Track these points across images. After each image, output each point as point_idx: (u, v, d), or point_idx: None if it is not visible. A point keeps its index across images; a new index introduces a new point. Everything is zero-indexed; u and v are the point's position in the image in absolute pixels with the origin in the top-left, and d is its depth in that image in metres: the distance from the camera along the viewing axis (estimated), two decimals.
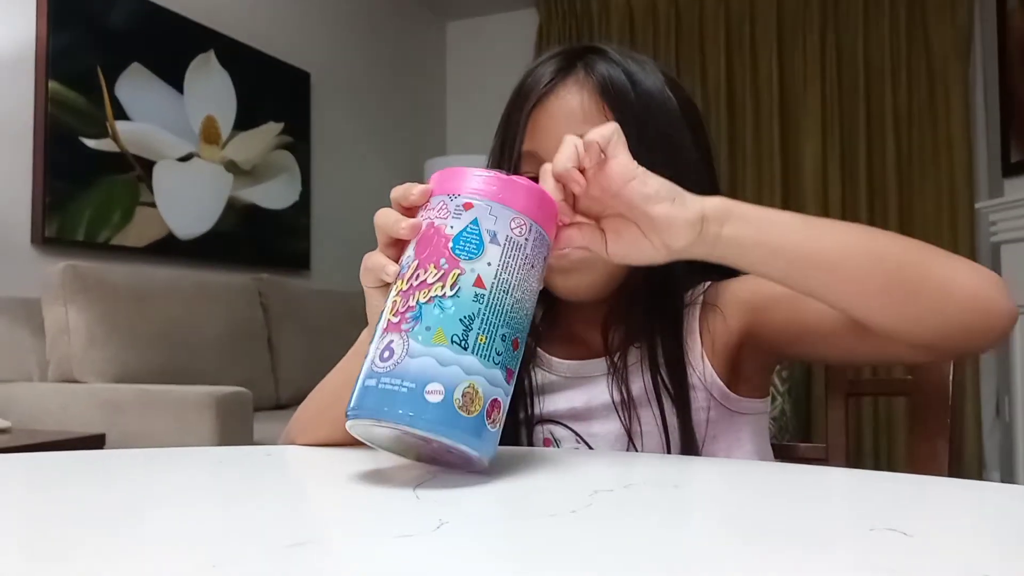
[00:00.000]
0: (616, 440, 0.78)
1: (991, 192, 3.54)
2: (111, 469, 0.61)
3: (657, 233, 0.60)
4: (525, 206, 0.55)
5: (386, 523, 0.42)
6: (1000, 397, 3.54)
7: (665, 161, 0.75)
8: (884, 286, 0.61)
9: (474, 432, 0.49)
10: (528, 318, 0.54)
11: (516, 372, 0.53)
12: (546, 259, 0.57)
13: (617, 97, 0.78)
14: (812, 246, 0.61)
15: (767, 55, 4.00)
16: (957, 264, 0.63)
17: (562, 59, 0.81)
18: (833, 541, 0.40)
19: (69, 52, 2.66)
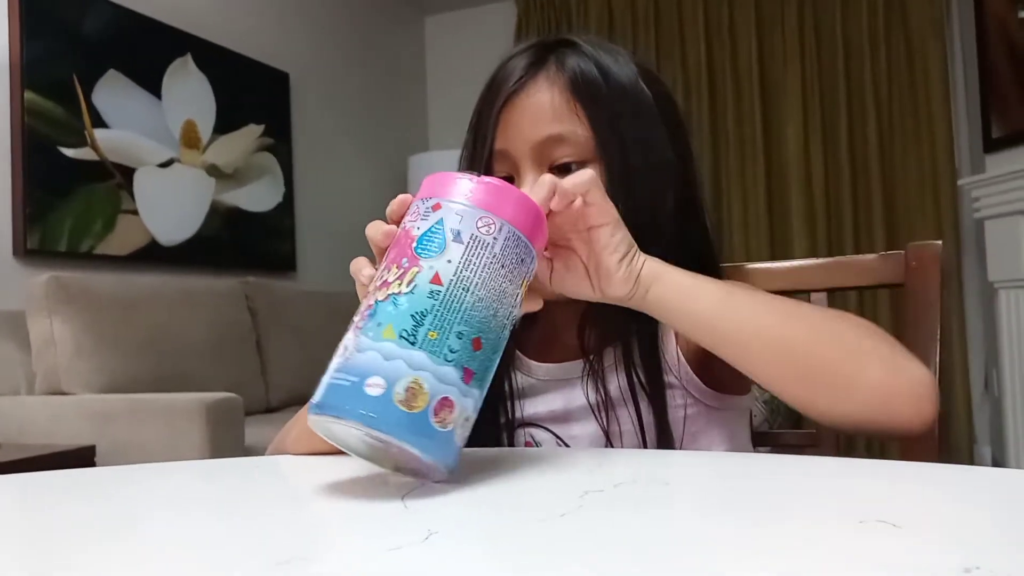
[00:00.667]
0: (595, 441, 0.78)
1: (973, 168, 3.56)
2: (94, 487, 0.60)
3: (600, 279, 0.63)
4: (496, 206, 0.54)
5: (375, 536, 0.42)
6: (989, 371, 3.57)
7: (637, 158, 0.77)
8: (790, 374, 0.63)
9: (414, 429, 0.48)
10: (498, 319, 0.53)
11: (480, 373, 0.51)
12: (527, 262, 0.55)
13: (588, 94, 0.76)
14: (725, 324, 0.64)
15: (746, 38, 4.00)
16: (871, 363, 0.63)
17: (533, 53, 0.80)
18: (823, 535, 0.40)
19: (44, 61, 2.63)
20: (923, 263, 0.89)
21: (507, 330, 0.54)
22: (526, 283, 0.56)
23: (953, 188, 3.61)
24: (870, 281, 0.95)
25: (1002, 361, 3.16)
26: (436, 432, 0.49)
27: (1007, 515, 0.42)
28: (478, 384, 0.51)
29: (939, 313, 0.87)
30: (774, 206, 3.96)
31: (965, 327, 3.65)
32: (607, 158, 0.76)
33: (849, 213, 3.82)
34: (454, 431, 0.50)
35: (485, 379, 0.52)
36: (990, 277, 3.22)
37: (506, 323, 0.54)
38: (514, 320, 0.55)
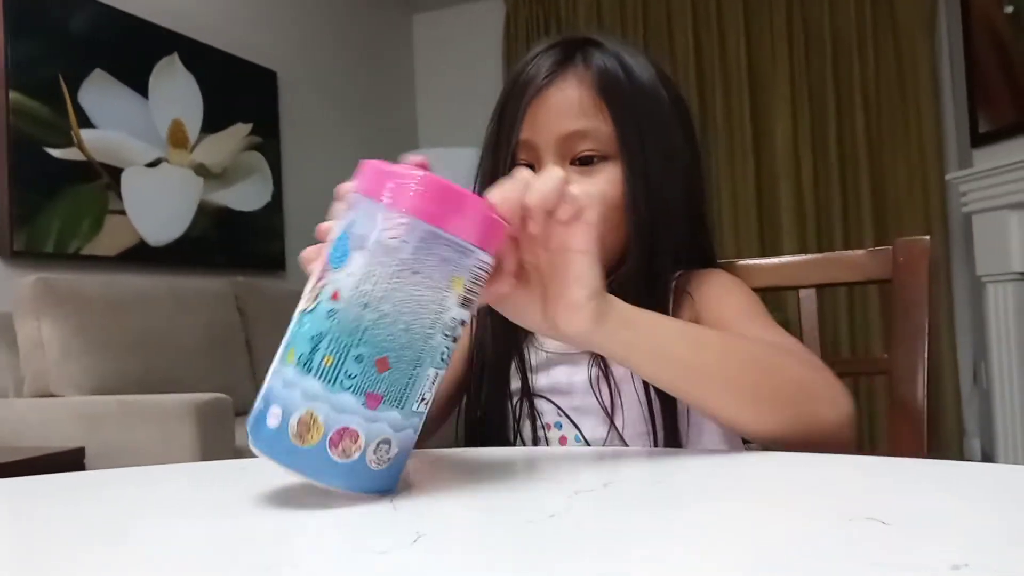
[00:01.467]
0: (598, 415, 0.81)
1: (961, 163, 3.58)
2: (81, 491, 0.60)
3: (558, 310, 0.56)
4: (409, 202, 0.47)
5: (363, 539, 0.41)
6: (977, 364, 3.59)
7: (656, 156, 0.81)
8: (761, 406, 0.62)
9: (310, 462, 0.46)
10: (415, 332, 0.47)
11: (393, 395, 0.46)
12: (458, 258, 0.48)
13: (613, 92, 0.80)
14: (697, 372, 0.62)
15: (735, 34, 4.01)
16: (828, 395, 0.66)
17: (560, 51, 0.83)
18: (812, 532, 0.40)
19: (29, 61, 2.61)
20: (911, 258, 0.90)
21: (438, 338, 0.48)
22: (468, 281, 0.48)
23: (941, 183, 3.63)
24: (859, 277, 0.95)
25: (990, 354, 3.18)
26: (337, 463, 0.46)
27: (996, 511, 0.43)
28: (393, 406, 0.47)
29: (927, 308, 0.87)
30: (763, 202, 3.97)
31: (954, 321, 3.67)
32: (628, 155, 0.80)
33: (838, 208, 3.83)
34: (364, 458, 0.46)
35: (407, 397, 0.47)
36: (978, 271, 3.24)
37: (432, 332, 0.47)
38: (454, 325, 0.49)
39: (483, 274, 0.50)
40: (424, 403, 0.48)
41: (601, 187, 0.80)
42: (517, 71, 0.85)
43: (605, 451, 0.70)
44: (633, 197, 0.79)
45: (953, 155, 3.72)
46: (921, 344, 0.86)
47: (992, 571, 0.32)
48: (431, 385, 0.48)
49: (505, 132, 0.82)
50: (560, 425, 0.84)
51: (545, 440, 0.85)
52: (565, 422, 0.84)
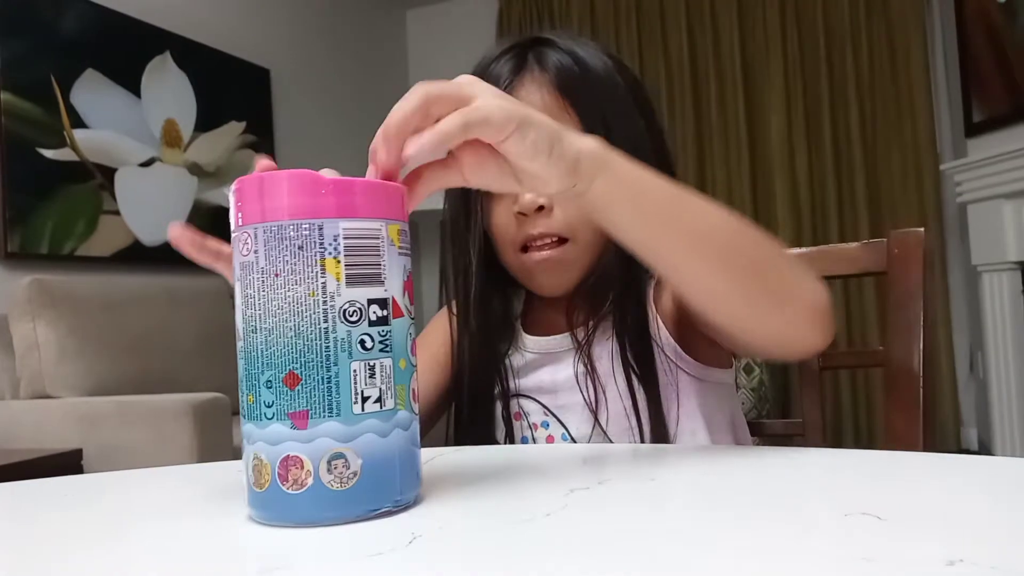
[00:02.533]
0: (583, 413, 0.82)
1: (955, 153, 3.58)
2: (79, 495, 0.60)
3: (529, 182, 0.54)
4: (249, 210, 0.46)
5: (357, 541, 0.41)
6: (973, 354, 3.60)
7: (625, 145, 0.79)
8: (735, 284, 0.59)
9: (276, 507, 0.44)
10: (305, 333, 0.44)
11: (317, 403, 0.43)
12: (311, 234, 0.44)
13: (574, 89, 0.80)
14: (676, 224, 0.58)
15: (728, 28, 4.00)
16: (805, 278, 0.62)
17: (513, 56, 0.83)
18: (808, 528, 0.40)
19: (20, 61, 2.60)
20: (906, 250, 0.90)
21: (341, 328, 0.44)
22: (343, 255, 0.44)
23: (936, 173, 3.63)
24: (854, 269, 0.95)
25: (986, 343, 3.18)
26: (296, 496, 0.43)
27: (992, 506, 0.43)
28: (325, 416, 0.44)
29: (922, 299, 0.87)
30: (758, 195, 3.97)
31: (949, 311, 3.68)
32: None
33: (833, 200, 3.83)
34: (319, 481, 0.43)
35: (338, 402, 0.44)
36: (973, 261, 3.25)
37: (328, 325, 0.44)
38: (355, 308, 0.44)
39: (362, 241, 0.45)
40: (376, 401, 0.45)
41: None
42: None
43: (599, 449, 0.70)
44: None
45: (947, 145, 3.72)
46: (917, 336, 0.86)
47: (988, 566, 0.32)
48: (371, 379, 0.45)
49: None
50: (547, 424, 0.84)
51: (532, 440, 0.85)
52: (552, 421, 0.84)
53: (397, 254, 0.47)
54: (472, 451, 0.66)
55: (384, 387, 0.45)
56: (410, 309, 0.48)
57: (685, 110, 4.06)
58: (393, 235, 0.46)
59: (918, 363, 0.85)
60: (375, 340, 0.45)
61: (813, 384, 0.94)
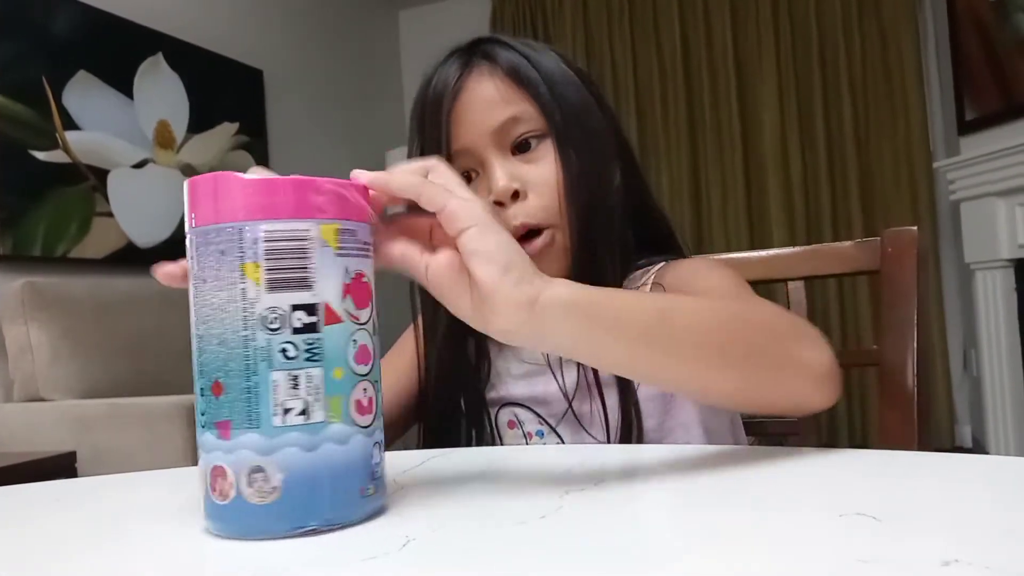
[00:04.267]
0: (571, 423, 0.81)
1: (948, 151, 3.59)
2: (71, 499, 0.59)
3: (478, 301, 0.49)
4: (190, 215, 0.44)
5: (351, 545, 0.41)
6: (967, 351, 3.61)
7: (580, 125, 0.81)
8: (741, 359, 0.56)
9: (210, 515, 0.44)
10: (227, 339, 0.42)
11: (240, 415, 0.42)
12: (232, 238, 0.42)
13: (526, 77, 0.80)
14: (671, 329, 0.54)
15: (721, 27, 4.01)
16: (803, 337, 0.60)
17: (459, 57, 0.83)
18: (803, 529, 0.39)
19: (12, 63, 2.59)
20: (899, 249, 0.90)
21: (261, 336, 0.42)
22: (264, 260, 0.42)
23: (929, 171, 3.64)
24: (847, 268, 0.95)
25: (980, 341, 3.19)
26: (223, 507, 0.43)
27: (987, 505, 0.43)
28: (245, 427, 0.42)
29: (916, 298, 0.87)
30: (752, 193, 3.97)
31: (943, 308, 3.69)
32: (555, 129, 0.80)
33: (827, 198, 3.84)
34: (240, 495, 0.42)
35: (257, 414, 0.42)
36: (966, 258, 3.25)
37: (249, 332, 0.42)
38: (276, 316, 0.42)
39: (285, 243, 0.43)
40: (300, 413, 0.42)
41: (547, 170, 0.79)
42: (422, 89, 0.83)
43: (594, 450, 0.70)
44: (568, 172, 0.79)
45: (940, 143, 3.73)
46: (910, 334, 0.86)
47: (983, 567, 0.32)
48: (294, 390, 0.42)
49: (431, 149, 0.80)
50: (541, 433, 0.83)
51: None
52: (546, 430, 0.83)
53: (334, 256, 0.44)
54: (466, 453, 0.65)
55: (311, 399, 0.43)
56: (355, 314, 0.44)
57: (678, 109, 4.06)
58: (328, 236, 0.44)
59: (912, 361, 0.85)
60: (299, 349, 0.42)
61: None
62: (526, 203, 0.79)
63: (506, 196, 0.78)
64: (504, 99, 0.80)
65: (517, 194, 0.79)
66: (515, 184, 0.78)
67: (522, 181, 0.79)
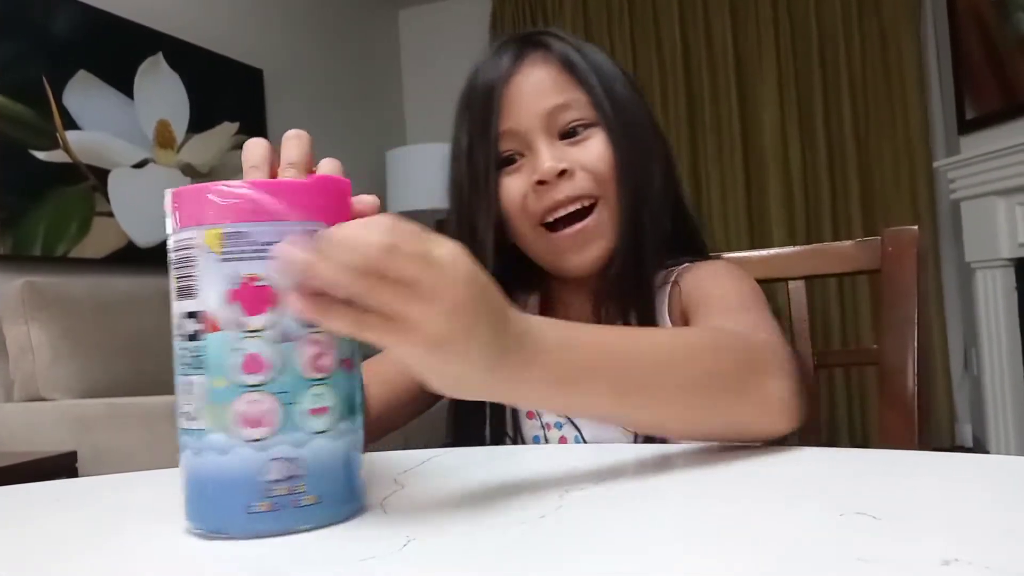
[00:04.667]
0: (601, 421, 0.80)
1: (948, 150, 3.58)
2: (70, 499, 0.59)
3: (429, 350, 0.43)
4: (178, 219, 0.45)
5: (352, 544, 0.41)
6: (968, 350, 3.61)
7: (629, 118, 0.84)
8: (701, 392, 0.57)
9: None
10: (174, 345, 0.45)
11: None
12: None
13: (578, 67, 0.83)
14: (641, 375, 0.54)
15: (721, 26, 4.00)
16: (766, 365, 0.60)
17: (516, 43, 0.85)
18: (803, 529, 0.39)
19: (12, 63, 2.59)
20: (899, 248, 0.90)
21: (176, 343, 0.45)
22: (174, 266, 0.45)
23: (929, 170, 3.63)
24: (847, 268, 0.95)
25: (980, 340, 3.19)
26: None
27: (988, 504, 0.43)
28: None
29: (916, 297, 0.87)
30: (752, 193, 3.97)
31: (943, 308, 3.69)
32: (606, 120, 0.82)
33: (827, 197, 3.84)
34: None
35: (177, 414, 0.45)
36: (967, 258, 3.25)
37: (175, 340, 0.46)
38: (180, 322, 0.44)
39: (180, 251, 0.44)
40: (192, 419, 0.43)
41: (597, 151, 0.82)
42: (474, 73, 0.86)
43: (594, 449, 0.70)
44: (620, 162, 0.82)
45: (940, 142, 3.73)
46: (911, 334, 0.86)
47: (983, 566, 0.32)
48: (188, 396, 0.43)
49: (481, 129, 0.83)
50: (560, 425, 0.84)
51: (545, 440, 0.84)
52: (565, 422, 0.83)
53: (217, 261, 0.42)
54: (466, 453, 0.65)
55: (198, 405, 0.43)
56: (243, 321, 0.42)
57: (678, 108, 4.06)
58: (211, 241, 0.42)
59: (912, 361, 0.85)
60: (188, 356, 0.44)
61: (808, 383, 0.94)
62: (573, 180, 0.81)
63: (552, 175, 0.80)
64: (556, 86, 0.82)
65: (563, 172, 0.81)
66: (563, 164, 0.81)
67: (570, 161, 0.81)
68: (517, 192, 0.82)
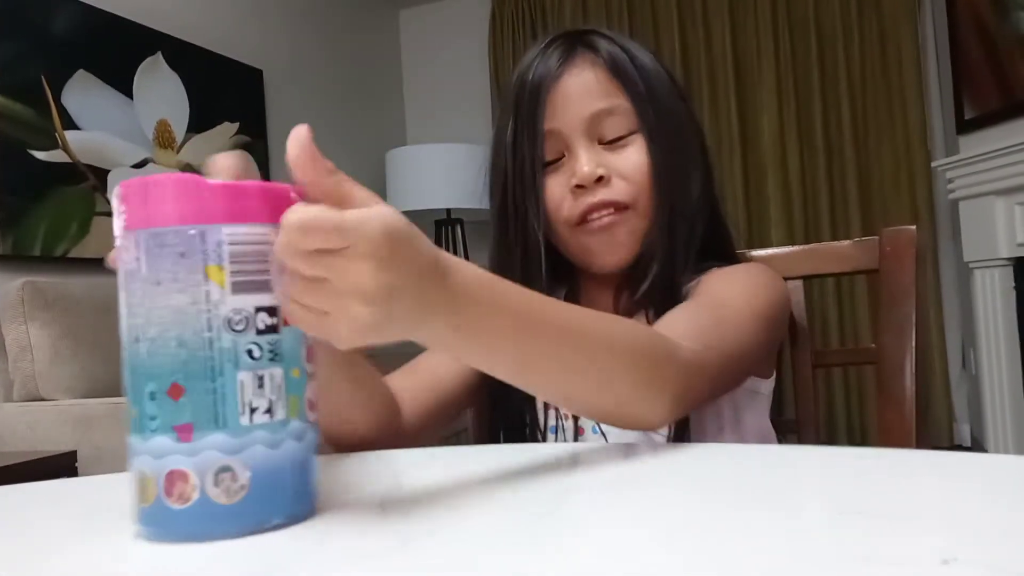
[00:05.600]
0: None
1: (947, 150, 3.59)
2: (70, 499, 0.59)
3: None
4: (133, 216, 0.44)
5: (350, 544, 0.41)
6: (965, 350, 3.61)
7: (671, 127, 0.84)
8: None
9: (160, 523, 0.43)
10: (190, 343, 0.42)
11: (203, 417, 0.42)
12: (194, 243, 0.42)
13: (626, 72, 0.83)
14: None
15: (720, 26, 4.00)
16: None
17: (564, 42, 0.86)
18: (801, 528, 0.40)
19: (11, 63, 2.59)
20: (897, 248, 0.90)
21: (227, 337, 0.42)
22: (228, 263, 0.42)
23: (927, 170, 3.64)
24: (846, 267, 0.96)
25: (978, 340, 3.19)
26: (180, 512, 0.42)
27: (987, 504, 0.43)
28: (210, 429, 0.42)
29: (914, 297, 0.88)
30: (751, 193, 3.97)
31: (942, 307, 3.69)
32: (648, 127, 0.83)
33: (825, 198, 3.84)
34: (205, 496, 0.42)
35: (223, 414, 0.42)
36: (965, 257, 3.25)
37: (213, 334, 0.42)
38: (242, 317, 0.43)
39: (249, 247, 0.43)
40: (265, 412, 0.43)
41: (635, 159, 0.83)
42: (524, 68, 0.87)
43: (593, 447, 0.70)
44: (657, 171, 0.82)
45: (939, 142, 3.73)
46: (909, 333, 0.86)
47: (982, 565, 0.32)
48: (260, 389, 0.43)
49: (525, 126, 0.84)
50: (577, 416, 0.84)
51: (562, 428, 0.84)
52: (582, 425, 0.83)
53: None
54: (467, 453, 0.66)
55: (274, 398, 0.44)
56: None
57: None
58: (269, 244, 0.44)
59: (910, 360, 0.85)
60: (263, 349, 0.43)
61: (807, 379, 0.94)
62: (610, 187, 0.82)
63: (590, 180, 0.81)
64: (601, 90, 0.83)
65: (601, 179, 0.82)
66: (600, 170, 0.82)
67: (607, 167, 0.82)
68: (556, 193, 0.84)
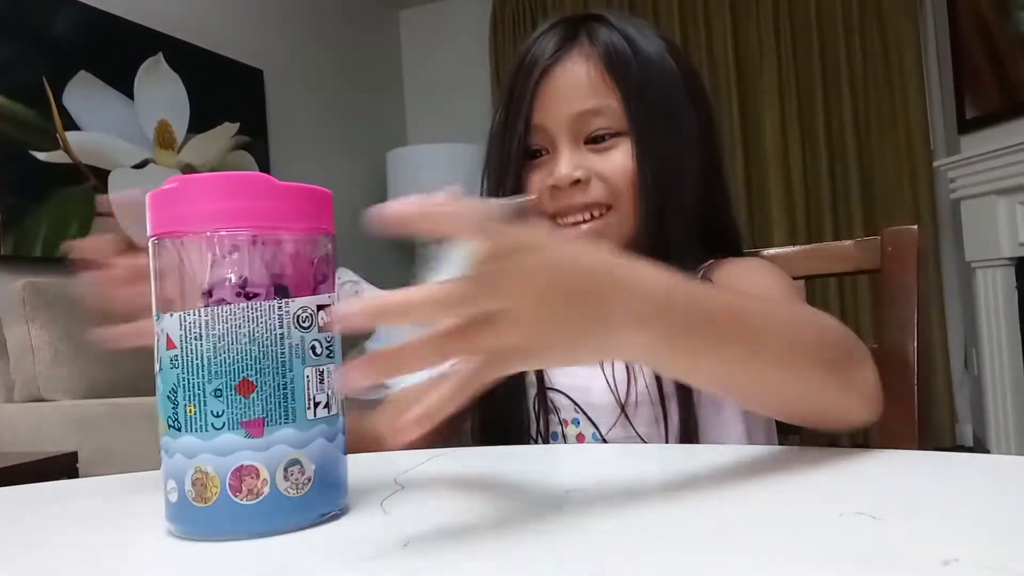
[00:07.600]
0: (614, 411, 0.80)
1: (948, 150, 3.58)
2: (71, 500, 0.59)
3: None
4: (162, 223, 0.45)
5: (352, 545, 0.41)
6: (968, 350, 3.60)
7: (664, 130, 0.81)
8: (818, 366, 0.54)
9: (223, 521, 0.42)
10: (261, 339, 0.43)
11: (274, 411, 0.43)
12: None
13: (620, 67, 0.80)
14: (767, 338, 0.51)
15: (721, 25, 4.00)
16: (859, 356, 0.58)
17: (564, 28, 0.83)
18: (803, 529, 0.40)
19: (12, 64, 2.59)
20: (899, 248, 0.90)
21: (295, 334, 0.44)
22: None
23: (929, 170, 3.63)
24: (848, 267, 0.95)
25: (981, 340, 3.19)
26: (249, 507, 0.42)
27: (988, 504, 0.43)
28: (281, 423, 0.43)
29: (916, 296, 0.87)
30: (753, 193, 3.97)
31: (944, 307, 3.68)
32: (637, 129, 0.80)
33: (827, 197, 3.84)
34: (276, 489, 0.43)
35: (293, 409, 0.43)
36: (967, 257, 3.25)
37: (283, 330, 0.43)
38: (307, 314, 0.44)
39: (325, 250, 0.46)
40: (325, 406, 0.45)
41: (618, 162, 0.80)
42: (522, 52, 0.84)
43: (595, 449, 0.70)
44: (643, 174, 0.80)
45: (941, 142, 3.73)
46: (911, 333, 0.86)
47: (983, 566, 0.32)
48: (321, 384, 0.44)
49: (513, 118, 0.82)
50: (578, 422, 0.83)
51: (563, 436, 0.84)
52: (582, 419, 0.83)
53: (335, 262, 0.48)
54: (467, 453, 0.65)
55: (331, 392, 0.45)
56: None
57: None
58: (330, 245, 0.47)
59: (912, 360, 0.85)
60: (323, 346, 0.45)
61: None
62: (587, 190, 0.80)
63: (565, 183, 0.79)
64: (591, 89, 0.80)
65: (578, 181, 0.80)
66: (578, 173, 0.79)
67: (587, 170, 0.80)
68: (536, 189, 0.83)
